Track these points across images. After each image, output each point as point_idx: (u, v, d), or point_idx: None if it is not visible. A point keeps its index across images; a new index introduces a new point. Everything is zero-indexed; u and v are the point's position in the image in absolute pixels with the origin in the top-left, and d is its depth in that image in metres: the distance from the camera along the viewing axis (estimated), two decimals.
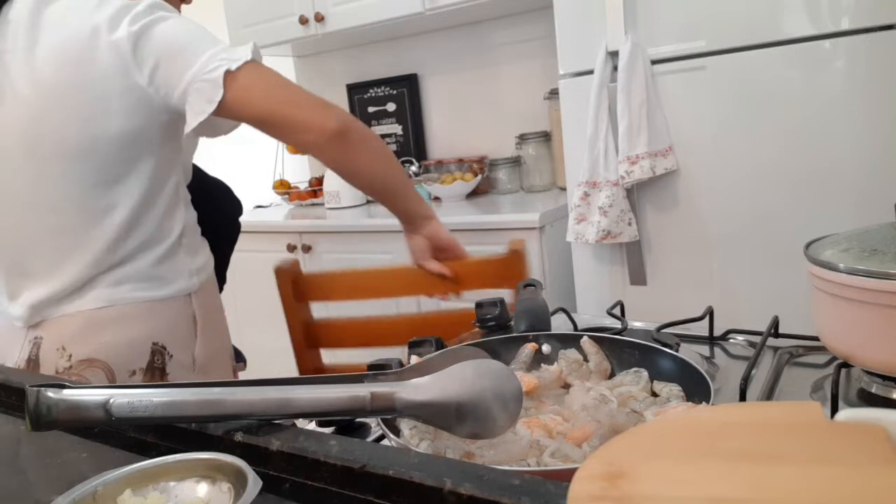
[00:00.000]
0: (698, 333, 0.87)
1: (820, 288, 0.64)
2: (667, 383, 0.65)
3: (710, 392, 0.57)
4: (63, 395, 0.52)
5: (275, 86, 0.98)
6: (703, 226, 1.65)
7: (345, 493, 0.45)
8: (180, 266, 1.08)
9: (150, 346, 1.04)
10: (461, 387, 0.54)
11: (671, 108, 1.63)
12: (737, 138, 1.57)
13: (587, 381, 0.69)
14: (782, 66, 1.50)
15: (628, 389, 0.65)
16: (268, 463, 0.48)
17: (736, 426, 0.36)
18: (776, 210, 1.55)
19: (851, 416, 0.35)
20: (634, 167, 1.63)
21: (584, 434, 0.56)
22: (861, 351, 0.62)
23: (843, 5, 1.43)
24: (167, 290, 1.06)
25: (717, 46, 1.56)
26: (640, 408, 0.61)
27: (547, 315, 0.84)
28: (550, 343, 0.76)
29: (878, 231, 0.66)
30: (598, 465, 0.33)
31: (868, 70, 1.43)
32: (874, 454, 0.32)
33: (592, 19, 1.68)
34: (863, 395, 0.66)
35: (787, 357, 0.77)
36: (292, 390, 0.53)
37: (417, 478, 0.42)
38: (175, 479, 0.45)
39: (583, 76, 1.73)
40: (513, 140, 2.46)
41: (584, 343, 0.74)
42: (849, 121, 1.46)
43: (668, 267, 1.71)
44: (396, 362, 0.70)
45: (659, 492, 0.31)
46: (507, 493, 0.39)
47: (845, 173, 1.47)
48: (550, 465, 0.52)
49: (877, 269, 0.58)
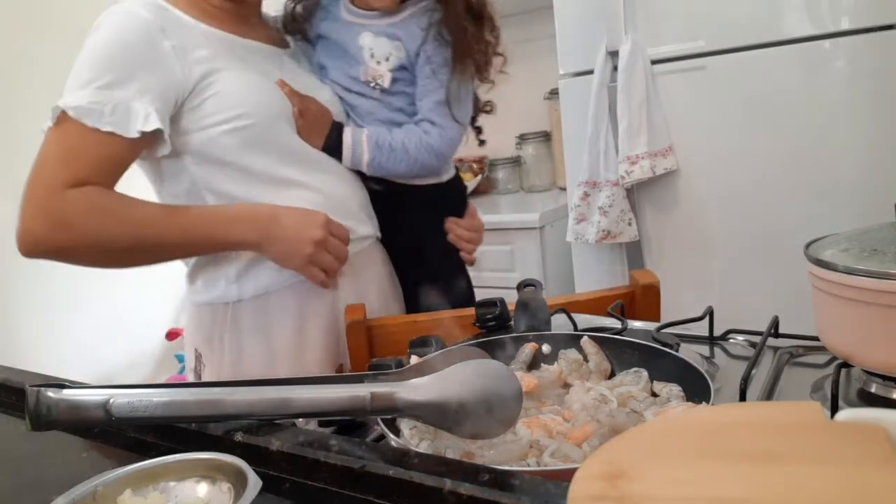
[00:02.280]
0: (698, 333, 0.87)
1: (820, 288, 0.64)
2: (667, 383, 0.65)
3: (710, 392, 0.57)
4: (63, 396, 0.52)
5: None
6: (703, 226, 1.65)
7: (345, 493, 0.45)
8: (218, 269, 1.04)
9: (194, 350, 1.07)
10: (461, 387, 0.54)
11: (671, 108, 1.63)
12: (737, 138, 1.57)
13: (587, 382, 0.69)
14: (782, 66, 1.50)
15: (628, 389, 0.65)
16: (268, 463, 0.48)
17: (736, 426, 0.36)
18: (776, 210, 1.55)
19: (851, 416, 0.35)
20: (634, 167, 1.63)
21: (584, 434, 0.56)
22: (861, 351, 0.62)
23: (843, 5, 1.43)
24: (205, 295, 1.05)
25: (717, 46, 1.56)
26: (640, 408, 0.61)
27: (547, 315, 0.84)
28: (550, 343, 0.76)
29: (878, 231, 0.66)
30: (598, 465, 0.33)
31: (868, 70, 1.43)
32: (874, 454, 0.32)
33: (592, 19, 1.68)
34: (863, 395, 0.66)
35: (787, 357, 0.77)
36: (292, 390, 0.53)
37: (417, 478, 0.42)
38: (175, 479, 0.45)
39: (583, 76, 1.73)
40: (513, 140, 2.46)
41: (584, 343, 0.74)
42: (849, 121, 1.46)
43: (668, 267, 1.71)
44: (396, 362, 0.70)
45: (659, 492, 0.31)
46: (507, 493, 0.39)
47: (845, 173, 1.47)
48: (550, 465, 0.52)
49: (877, 269, 0.58)
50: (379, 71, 1.18)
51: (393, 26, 1.18)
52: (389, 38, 1.18)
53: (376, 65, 1.18)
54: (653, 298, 1.13)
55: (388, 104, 1.21)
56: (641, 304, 1.13)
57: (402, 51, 1.18)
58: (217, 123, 0.98)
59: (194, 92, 0.97)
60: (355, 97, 1.19)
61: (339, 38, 1.19)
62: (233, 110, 0.98)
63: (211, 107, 0.97)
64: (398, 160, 1.16)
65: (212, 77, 0.97)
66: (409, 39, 1.17)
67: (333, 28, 1.19)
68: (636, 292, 1.15)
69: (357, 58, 1.17)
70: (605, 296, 1.14)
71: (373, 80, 1.18)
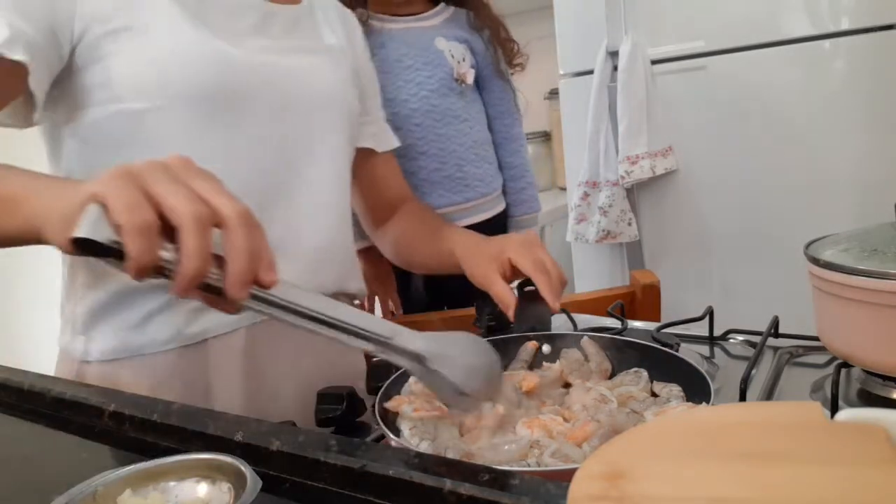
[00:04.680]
0: (698, 333, 0.87)
1: (820, 288, 0.64)
2: (667, 383, 0.65)
3: (710, 392, 0.57)
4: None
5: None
6: (703, 226, 1.65)
7: (345, 493, 0.45)
8: (70, 299, 0.77)
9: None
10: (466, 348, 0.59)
11: (671, 108, 1.63)
12: (737, 138, 1.57)
13: (587, 382, 0.69)
14: (782, 66, 1.50)
15: (628, 389, 0.65)
16: (268, 463, 0.48)
17: (736, 426, 0.36)
18: (776, 210, 1.55)
19: (851, 416, 0.35)
20: (634, 167, 1.63)
21: (585, 434, 0.56)
22: (861, 351, 0.62)
23: (843, 5, 1.43)
24: (60, 336, 0.79)
25: (717, 46, 1.56)
26: (640, 408, 0.61)
27: (547, 315, 0.84)
28: (551, 343, 0.76)
29: (878, 231, 0.66)
30: (598, 465, 0.33)
31: (868, 70, 1.43)
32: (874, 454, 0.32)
33: (592, 19, 1.68)
34: (863, 395, 0.66)
35: (787, 357, 0.77)
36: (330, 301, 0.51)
37: (417, 478, 0.42)
38: (175, 479, 0.45)
39: (583, 76, 1.73)
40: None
41: (584, 343, 0.74)
42: (849, 121, 1.46)
43: (668, 267, 1.71)
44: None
45: (659, 492, 0.31)
46: (507, 493, 0.39)
47: (845, 173, 1.47)
48: (551, 466, 0.52)
49: (877, 269, 0.58)
50: (463, 69, 1.25)
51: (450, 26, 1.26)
52: (458, 41, 1.26)
53: (458, 64, 1.24)
54: (653, 298, 1.14)
55: (473, 100, 1.29)
56: (641, 304, 1.14)
57: (470, 52, 1.27)
58: (108, 100, 0.69)
59: (85, 42, 0.67)
60: (442, 99, 1.23)
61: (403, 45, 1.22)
62: (133, 83, 0.68)
63: (101, 74, 0.68)
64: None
65: (117, 22, 0.68)
66: (473, 41, 1.27)
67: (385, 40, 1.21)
68: (636, 292, 1.16)
69: (438, 61, 1.22)
70: (605, 296, 1.15)
71: (460, 78, 1.24)
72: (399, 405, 0.61)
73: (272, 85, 0.77)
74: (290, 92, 0.79)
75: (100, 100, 0.69)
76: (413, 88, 1.21)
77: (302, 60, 0.82)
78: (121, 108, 0.69)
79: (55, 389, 0.64)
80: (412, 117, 1.21)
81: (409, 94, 1.21)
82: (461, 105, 1.26)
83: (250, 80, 0.74)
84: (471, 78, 1.26)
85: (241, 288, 0.45)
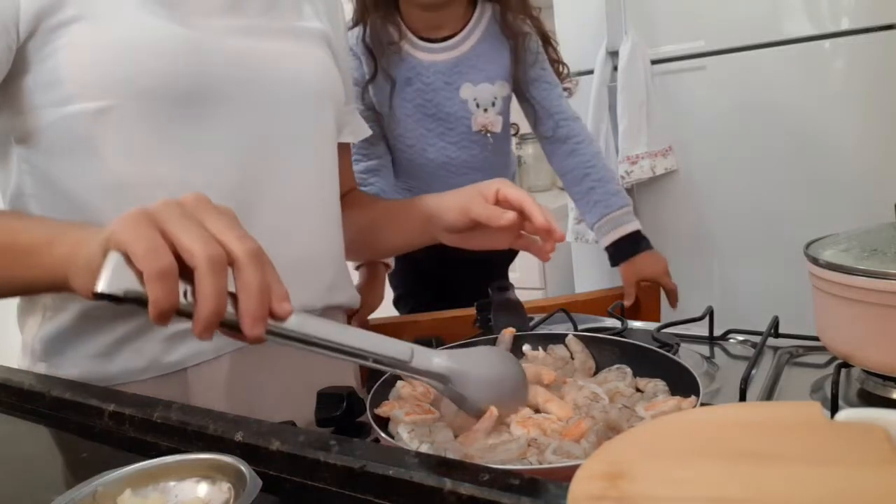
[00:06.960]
0: (698, 333, 0.87)
1: (820, 288, 0.64)
2: (651, 379, 0.65)
3: (696, 383, 0.57)
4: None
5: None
6: (703, 226, 1.65)
7: (345, 493, 0.45)
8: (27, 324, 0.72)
9: None
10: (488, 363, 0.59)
11: (671, 108, 1.63)
12: (737, 138, 1.57)
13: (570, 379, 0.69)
14: (782, 66, 1.50)
15: (616, 385, 0.65)
16: (268, 463, 0.48)
17: (736, 426, 0.36)
18: (776, 210, 1.55)
19: (851, 416, 0.35)
20: (634, 167, 1.63)
21: (580, 431, 0.56)
22: (861, 351, 0.62)
23: (843, 5, 1.43)
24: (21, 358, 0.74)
25: (717, 46, 1.56)
26: (629, 403, 0.61)
27: (523, 311, 0.84)
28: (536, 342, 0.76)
29: (878, 231, 0.66)
30: (597, 465, 0.33)
31: (868, 70, 1.43)
32: (874, 454, 0.32)
33: (592, 19, 1.68)
34: (863, 395, 0.66)
35: (787, 357, 0.77)
36: (347, 328, 0.52)
37: (417, 478, 0.42)
38: (175, 479, 0.45)
39: (583, 76, 1.73)
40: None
41: (569, 341, 0.74)
42: (849, 120, 1.46)
43: None
44: (437, 340, 0.74)
45: (659, 492, 0.31)
46: (507, 493, 0.39)
47: (845, 173, 1.47)
48: (554, 462, 0.52)
49: (877, 269, 0.58)
50: (489, 118, 1.15)
51: (477, 59, 1.13)
52: (490, 83, 1.15)
53: (483, 113, 1.15)
54: (653, 298, 1.14)
55: (498, 148, 1.20)
56: (642, 304, 1.14)
57: (506, 87, 1.16)
58: (58, 101, 0.62)
59: (33, 39, 0.61)
60: (461, 151, 1.16)
61: (429, 90, 1.14)
62: (86, 80, 0.61)
63: (50, 73, 0.61)
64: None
65: (67, 11, 0.60)
66: (502, 70, 1.15)
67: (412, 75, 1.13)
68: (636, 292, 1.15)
69: (460, 113, 1.14)
70: (605, 296, 1.15)
71: (483, 128, 1.16)
72: (390, 410, 0.62)
73: (248, 74, 0.68)
74: (269, 81, 0.70)
75: (49, 101, 0.62)
76: (432, 139, 1.16)
77: (282, 44, 0.72)
78: (72, 109, 0.62)
79: (55, 389, 0.64)
80: (427, 166, 1.18)
81: (427, 144, 1.17)
82: (482, 156, 1.19)
83: (222, 70, 0.66)
84: (498, 126, 1.17)
85: (255, 325, 0.45)
